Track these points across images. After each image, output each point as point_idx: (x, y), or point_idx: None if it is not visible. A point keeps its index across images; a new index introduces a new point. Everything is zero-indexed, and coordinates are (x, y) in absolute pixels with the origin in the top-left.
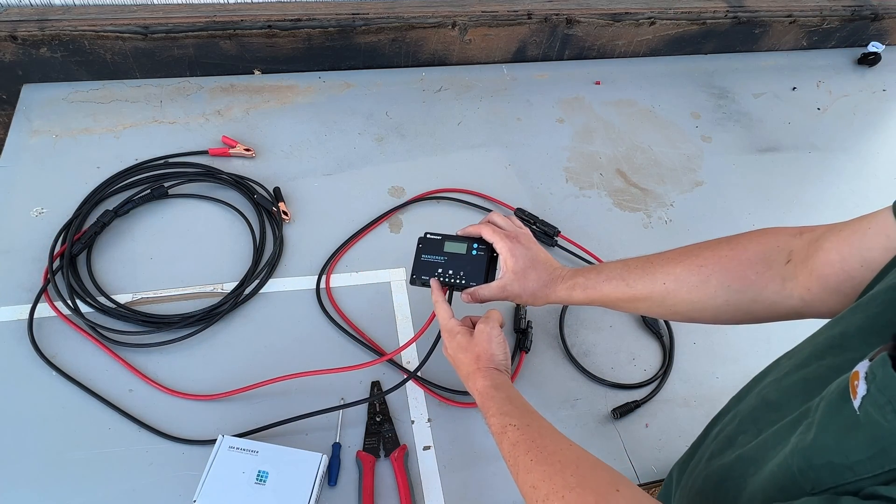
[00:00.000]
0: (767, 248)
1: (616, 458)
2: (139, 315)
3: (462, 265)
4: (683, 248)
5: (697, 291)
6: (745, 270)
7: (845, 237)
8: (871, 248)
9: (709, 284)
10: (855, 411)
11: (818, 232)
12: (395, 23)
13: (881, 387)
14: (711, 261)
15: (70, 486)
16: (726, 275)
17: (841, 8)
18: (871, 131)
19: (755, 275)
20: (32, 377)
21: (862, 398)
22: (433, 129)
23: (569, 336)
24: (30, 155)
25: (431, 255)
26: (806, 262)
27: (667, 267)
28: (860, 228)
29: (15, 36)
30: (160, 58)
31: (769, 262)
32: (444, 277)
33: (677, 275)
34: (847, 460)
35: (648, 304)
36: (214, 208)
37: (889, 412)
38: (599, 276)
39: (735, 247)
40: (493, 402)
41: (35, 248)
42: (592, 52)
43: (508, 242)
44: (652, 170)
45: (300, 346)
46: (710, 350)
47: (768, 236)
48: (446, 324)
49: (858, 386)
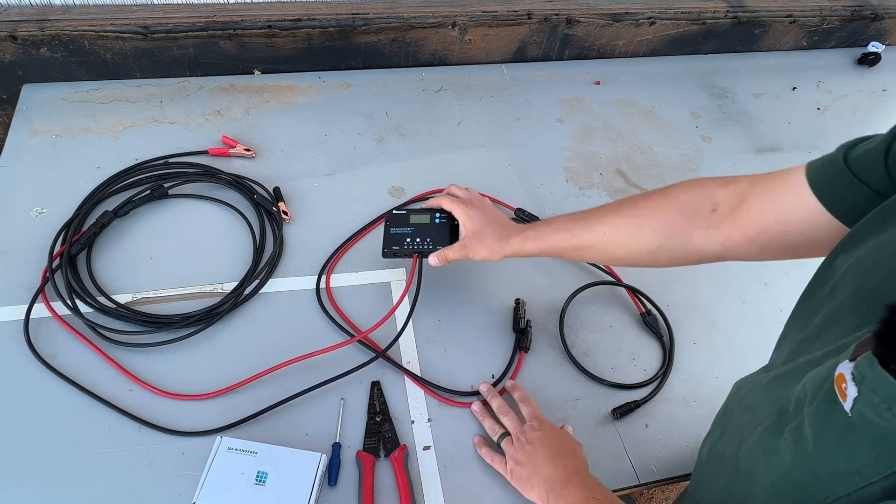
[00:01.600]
0: (695, 198)
1: (616, 458)
2: (139, 315)
3: (428, 233)
4: (622, 200)
5: (634, 239)
6: (675, 218)
7: (765, 193)
8: (786, 206)
9: (643, 231)
10: (846, 414)
11: (742, 185)
12: (395, 23)
13: (872, 387)
14: (646, 210)
15: (70, 486)
16: (658, 222)
17: (841, 8)
18: (871, 131)
19: (683, 222)
20: (32, 377)
21: (854, 400)
22: (433, 129)
23: (569, 336)
24: (30, 155)
25: (399, 228)
26: (729, 213)
27: (607, 217)
28: (777, 187)
29: (15, 36)
30: (160, 58)
31: (696, 210)
32: (413, 245)
33: (616, 224)
34: (853, 465)
35: (592, 252)
36: (214, 208)
37: (885, 411)
38: (548, 227)
39: (667, 196)
40: (577, 477)
41: (35, 248)
42: (592, 52)
43: (465, 207)
44: (652, 170)
45: (299, 346)
46: (710, 350)
47: (697, 187)
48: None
49: (847, 388)
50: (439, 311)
